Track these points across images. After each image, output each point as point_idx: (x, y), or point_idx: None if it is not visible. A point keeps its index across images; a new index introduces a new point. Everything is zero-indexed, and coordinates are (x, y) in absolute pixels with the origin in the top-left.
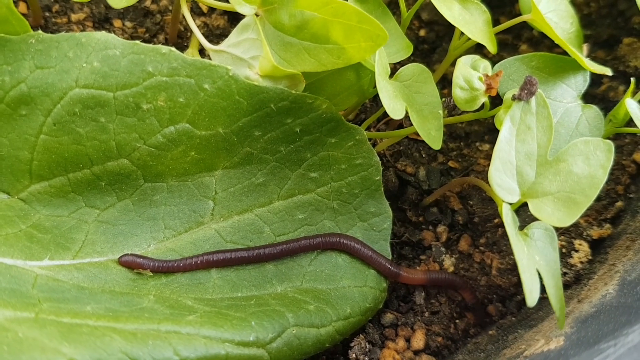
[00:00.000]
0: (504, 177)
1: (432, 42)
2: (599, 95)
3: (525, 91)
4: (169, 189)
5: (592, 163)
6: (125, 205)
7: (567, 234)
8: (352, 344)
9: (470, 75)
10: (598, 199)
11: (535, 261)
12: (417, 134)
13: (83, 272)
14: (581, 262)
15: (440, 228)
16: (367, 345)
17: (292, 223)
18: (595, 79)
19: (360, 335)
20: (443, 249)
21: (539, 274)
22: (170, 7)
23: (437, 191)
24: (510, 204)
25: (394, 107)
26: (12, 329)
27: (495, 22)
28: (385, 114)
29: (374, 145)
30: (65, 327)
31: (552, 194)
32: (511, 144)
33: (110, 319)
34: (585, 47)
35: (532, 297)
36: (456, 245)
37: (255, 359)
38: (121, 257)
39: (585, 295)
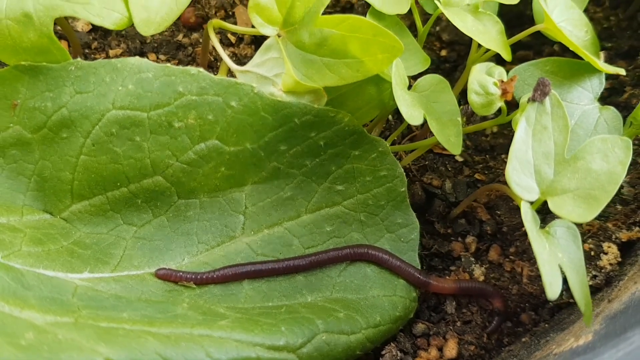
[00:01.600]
0: (522, 176)
1: (454, 60)
2: (622, 103)
3: (539, 92)
4: (201, 205)
5: (610, 160)
6: (161, 222)
7: (595, 237)
8: (383, 352)
9: (485, 80)
10: (626, 202)
11: (558, 258)
12: (443, 148)
13: (121, 284)
14: (610, 264)
15: (469, 239)
16: (399, 354)
17: (320, 235)
18: (618, 87)
19: (392, 343)
20: (472, 259)
21: (562, 272)
22: (201, 40)
23: (464, 202)
24: (531, 202)
25: (411, 114)
26: (52, 331)
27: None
28: (409, 131)
29: (399, 160)
30: (103, 330)
31: (572, 191)
32: (527, 144)
33: (145, 323)
34: (602, 54)
35: (552, 290)
36: (486, 255)
37: None
38: (157, 270)
39: (615, 296)
